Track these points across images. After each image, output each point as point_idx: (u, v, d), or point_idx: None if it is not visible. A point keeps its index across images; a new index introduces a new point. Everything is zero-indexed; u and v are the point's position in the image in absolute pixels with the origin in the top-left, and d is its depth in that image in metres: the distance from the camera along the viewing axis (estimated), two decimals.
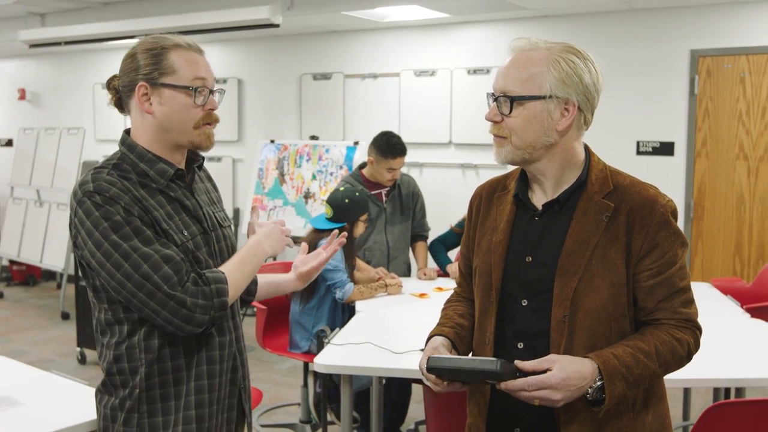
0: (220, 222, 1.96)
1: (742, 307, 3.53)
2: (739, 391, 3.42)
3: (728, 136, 5.55)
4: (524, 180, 1.82)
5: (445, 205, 6.04)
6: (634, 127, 5.73)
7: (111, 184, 1.73)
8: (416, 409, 4.68)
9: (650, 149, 5.74)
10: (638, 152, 5.75)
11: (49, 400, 2.32)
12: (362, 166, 4.39)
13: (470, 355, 1.87)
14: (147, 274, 1.69)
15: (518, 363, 1.60)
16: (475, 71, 6.35)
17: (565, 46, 1.71)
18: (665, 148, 5.71)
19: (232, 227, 2.08)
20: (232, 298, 1.82)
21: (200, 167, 2.00)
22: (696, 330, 1.72)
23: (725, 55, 5.50)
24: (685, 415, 4.26)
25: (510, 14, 6.04)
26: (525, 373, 1.59)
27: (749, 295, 3.95)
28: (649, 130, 5.74)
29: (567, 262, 1.69)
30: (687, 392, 4.27)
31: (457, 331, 1.86)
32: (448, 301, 2.04)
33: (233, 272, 1.83)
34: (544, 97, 1.67)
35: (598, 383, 1.59)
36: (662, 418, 1.78)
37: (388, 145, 4.19)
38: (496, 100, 1.72)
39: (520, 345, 1.73)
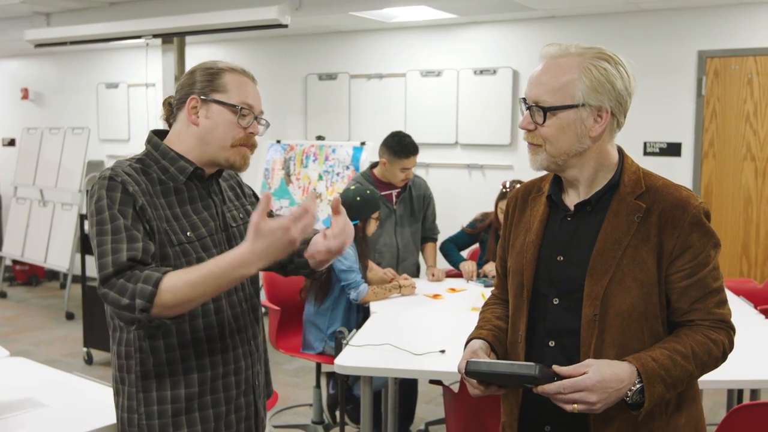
0: (230, 222, 1.98)
1: (755, 308, 3.54)
2: (754, 393, 3.43)
3: (735, 137, 5.56)
4: (558, 181, 1.84)
5: (451, 205, 6.04)
6: (642, 128, 5.74)
7: (127, 173, 1.80)
8: (425, 410, 4.69)
9: (657, 150, 5.75)
10: (645, 153, 5.76)
11: (73, 401, 2.32)
12: (373, 166, 4.38)
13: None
14: (102, 252, 1.71)
15: (556, 368, 1.61)
16: (481, 72, 6.35)
17: (596, 51, 1.71)
18: (672, 149, 5.72)
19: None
20: (167, 307, 1.65)
21: (224, 179, 2.05)
22: (730, 330, 1.73)
23: (733, 56, 5.51)
24: None
25: (517, 15, 6.04)
26: (562, 378, 1.60)
27: (762, 296, 3.96)
28: (657, 130, 5.74)
29: (598, 262, 1.70)
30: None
31: (495, 334, 1.88)
32: (486, 303, 2.05)
33: (186, 284, 1.66)
34: (576, 106, 1.68)
35: (638, 386, 1.59)
36: (695, 420, 1.78)
37: (401, 145, 4.18)
38: (529, 108, 1.74)
39: (552, 343, 1.75)
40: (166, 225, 1.81)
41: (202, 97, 1.87)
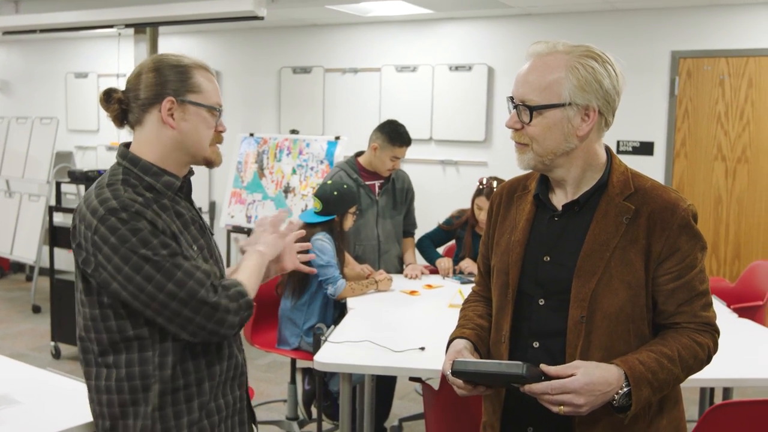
0: (209, 231, 1.98)
1: (728, 306, 3.58)
2: (727, 392, 3.47)
3: (707, 137, 5.63)
4: (545, 180, 1.82)
5: (426, 201, 6.01)
6: (615, 127, 5.61)
7: (133, 200, 1.72)
8: (399, 406, 4.68)
9: (630, 149, 5.80)
10: (618, 151, 5.81)
11: (48, 398, 2.27)
12: (358, 154, 4.35)
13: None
14: (181, 281, 1.69)
15: (544, 367, 1.60)
16: (456, 68, 6.35)
17: (584, 50, 1.71)
18: (645, 148, 5.78)
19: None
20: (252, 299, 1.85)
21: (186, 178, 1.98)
22: (715, 333, 1.74)
23: (705, 57, 5.57)
24: None
25: (493, 12, 6.05)
26: (549, 378, 1.59)
27: (734, 295, 4.01)
28: (630, 129, 5.79)
29: (586, 263, 1.69)
30: None
31: (478, 333, 1.86)
32: (467, 300, 2.04)
33: (246, 279, 1.87)
34: (563, 105, 1.67)
35: (625, 389, 1.59)
36: (677, 421, 1.79)
37: (397, 133, 4.16)
38: (516, 107, 1.72)
39: (536, 344, 1.74)
40: (182, 239, 1.78)
41: (179, 98, 1.79)
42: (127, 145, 1.85)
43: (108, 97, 1.82)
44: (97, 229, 1.69)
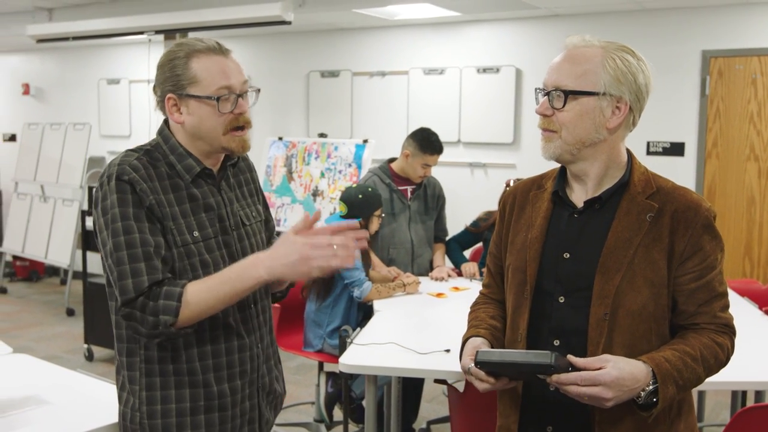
0: (243, 220, 1.94)
1: (760, 309, 3.53)
2: (759, 394, 3.41)
3: (739, 137, 5.55)
4: (563, 178, 1.81)
5: (454, 204, 5.99)
6: (645, 128, 5.65)
7: (134, 169, 1.76)
8: (426, 408, 4.68)
9: (660, 150, 5.74)
10: (648, 152, 5.75)
11: (76, 399, 2.30)
12: (391, 160, 4.38)
13: None
14: (121, 259, 1.71)
15: (571, 358, 1.58)
16: (484, 70, 6.34)
17: (620, 45, 1.72)
18: (675, 149, 5.71)
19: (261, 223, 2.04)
20: (190, 319, 1.71)
21: (235, 165, 1.99)
22: (732, 335, 1.73)
23: (737, 56, 5.49)
24: (699, 417, 4.26)
25: (521, 13, 6.03)
26: (576, 369, 1.57)
27: (766, 297, 3.95)
28: (660, 130, 5.73)
29: (609, 260, 1.68)
30: (702, 394, 4.27)
31: (492, 333, 1.84)
32: (475, 303, 2.01)
33: (203, 291, 1.71)
34: (597, 94, 1.67)
35: (651, 387, 1.58)
36: (692, 427, 1.79)
37: (428, 141, 4.19)
38: (547, 94, 1.71)
39: (557, 342, 1.72)
40: (172, 223, 1.78)
41: (177, 93, 1.80)
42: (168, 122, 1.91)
43: (154, 90, 1.89)
44: (97, 191, 1.80)
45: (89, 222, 5.92)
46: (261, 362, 1.96)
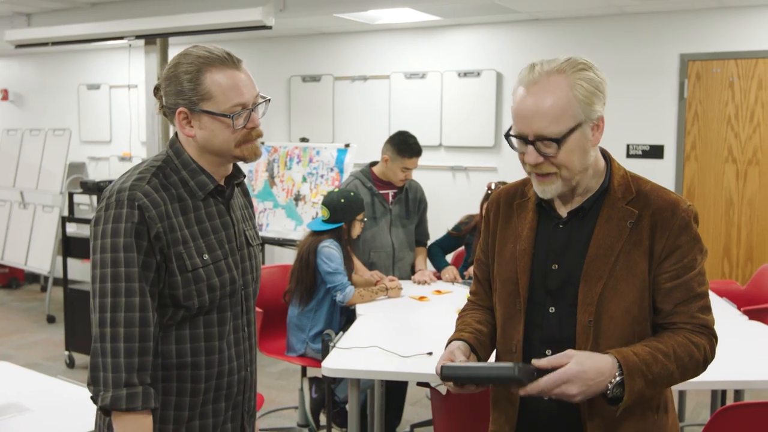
0: (249, 240, 1.92)
1: (739, 309, 3.57)
2: (738, 394, 3.45)
3: (717, 140, 5.61)
4: None
5: (436, 207, 6.01)
6: (624, 131, 5.78)
7: (145, 194, 1.69)
8: (410, 411, 4.68)
9: (640, 152, 5.79)
10: (628, 155, 5.79)
11: (58, 406, 2.29)
12: (373, 164, 4.39)
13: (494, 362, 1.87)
14: (103, 306, 1.66)
15: (535, 361, 1.61)
16: (465, 74, 6.37)
17: (575, 63, 1.67)
18: (655, 152, 5.76)
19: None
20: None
21: (239, 184, 1.95)
22: (712, 337, 1.73)
23: (714, 60, 5.56)
24: (680, 416, 4.30)
25: (501, 17, 6.06)
26: (542, 372, 1.59)
27: (744, 298, 3.99)
28: (639, 133, 5.78)
29: (591, 268, 1.70)
30: (682, 394, 4.31)
31: (477, 337, 1.85)
32: (463, 309, 2.02)
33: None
34: (580, 125, 1.66)
35: (618, 379, 1.59)
36: (675, 424, 1.82)
37: (405, 145, 4.19)
38: (532, 144, 1.67)
39: (548, 351, 1.73)
40: (182, 248, 1.71)
41: (190, 108, 1.74)
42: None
43: (155, 92, 1.82)
44: (99, 210, 1.71)
45: (70, 228, 5.88)
46: (248, 386, 1.93)
